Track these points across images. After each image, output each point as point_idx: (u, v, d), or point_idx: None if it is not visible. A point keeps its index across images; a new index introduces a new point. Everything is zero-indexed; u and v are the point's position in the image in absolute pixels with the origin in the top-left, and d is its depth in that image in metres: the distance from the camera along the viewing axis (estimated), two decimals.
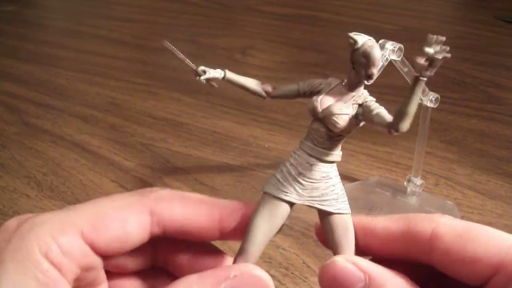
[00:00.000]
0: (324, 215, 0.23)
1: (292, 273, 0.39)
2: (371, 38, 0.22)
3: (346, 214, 0.23)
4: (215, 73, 0.24)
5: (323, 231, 0.23)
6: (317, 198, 0.23)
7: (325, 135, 0.22)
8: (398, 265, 0.21)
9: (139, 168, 0.53)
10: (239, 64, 0.85)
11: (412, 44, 1.02)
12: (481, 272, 0.19)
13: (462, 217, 0.45)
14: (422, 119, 0.44)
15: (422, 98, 0.43)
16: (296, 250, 0.41)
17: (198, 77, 0.24)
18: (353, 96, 0.23)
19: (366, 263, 0.20)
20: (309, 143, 0.23)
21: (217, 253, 0.24)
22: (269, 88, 0.25)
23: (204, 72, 0.24)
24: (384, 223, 0.22)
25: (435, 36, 0.20)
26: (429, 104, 0.43)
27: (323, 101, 0.22)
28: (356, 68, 0.22)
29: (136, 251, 0.22)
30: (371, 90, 0.24)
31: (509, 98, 0.72)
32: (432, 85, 0.44)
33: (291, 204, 0.22)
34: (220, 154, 0.56)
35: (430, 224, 0.20)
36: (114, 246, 0.20)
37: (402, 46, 0.39)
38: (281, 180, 0.23)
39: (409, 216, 0.22)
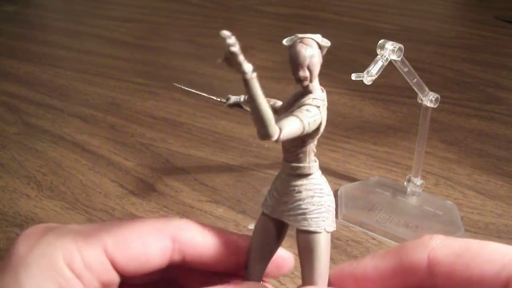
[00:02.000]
0: (297, 232, 0.22)
1: (292, 273, 0.39)
2: (307, 37, 0.19)
3: (314, 232, 0.21)
4: (236, 98, 0.25)
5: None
6: (285, 212, 0.22)
7: (283, 148, 0.22)
8: None
9: (139, 168, 0.53)
10: None
11: (412, 44, 1.03)
12: None
13: (462, 217, 0.45)
14: (422, 119, 0.44)
15: (422, 98, 0.43)
16: (296, 250, 0.41)
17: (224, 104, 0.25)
18: (296, 103, 0.20)
19: None
20: (283, 158, 0.22)
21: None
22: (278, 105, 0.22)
23: (228, 99, 0.25)
24: (373, 263, 0.21)
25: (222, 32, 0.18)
26: (429, 104, 0.43)
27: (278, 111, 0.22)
28: None
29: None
30: (370, 90, 0.24)
31: (509, 98, 0.72)
32: (432, 85, 0.44)
33: (280, 220, 0.22)
34: (220, 154, 0.56)
35: (424, 250, 0.19)
36: (133, 266, 0.21)
37: (402, 46, 0.39)
38: (266, 194, 0.22)
39: (397, 248, 0.21)
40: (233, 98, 0.25)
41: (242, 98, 0.25)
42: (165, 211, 0.46)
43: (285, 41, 0.20)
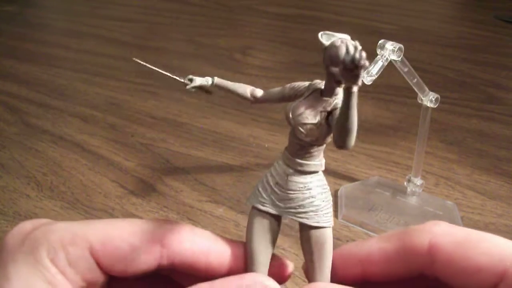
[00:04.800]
0: (303, 229, 0.22)
1: (292, 273, 0.39)
2: (344, 36, 0.20)
3: (325, 227, 0.22)
4: (202, 80, 0.23)
5: (302, 247, 0.22)
6: (293, 210, 0.22)
7: (297, 145, 0.21)
8: (400, 283, 0.20)
9: (139, 168, 0.53)
10: (239, 64, 0.85)
11: (412, 44, 1.03)
12: (486, 281, 0.18)
13: (462, 217, 0.45)
14: (422, 119, 0.44)
15: (422, 98, 0.43)
16: (296, 250, 0.41)
17: (186, 86, 0.23)
18: (324, 103, 0.21)
19: None
20: (288, 153, 0.22)
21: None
22: (258, 92, 0.23)
23: (191, 80, 0.23)
24: (378, 244, 0.21)
25: (350, 44, 0.19)
26: (429, 104, 0.43)
27: (295, 108, 0.21)
28: (326, 72, 0.20)
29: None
30: (370, 90, 0.24)
31: (509, 98, 0.72)
32: (432, 85, 0.44)
33: (276, 216, 0.22)
34: (220, 154, 0.56)
35: (427, 235, 0.20)
36: (119, 268, 0.20)
37: (402, 46, 0.39)
38: (261, 190, 0.22)
39: (402, 231, 0.21)
40: (199, 80, 0.23)
41: (209, 81, 0.23)
42: (165, 211, 0.46)
43: (325, 36, 0.20)
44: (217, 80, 0.23)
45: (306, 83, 0.22)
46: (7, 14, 1.19)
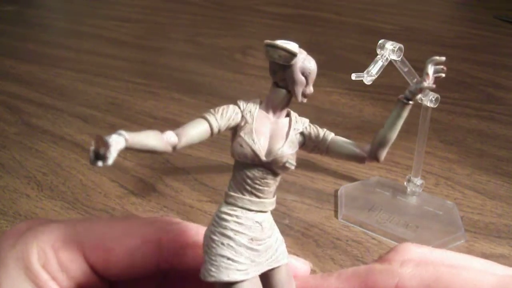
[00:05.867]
0: (273, 272, 0.19)
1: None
2: (297, 44, 0.18)
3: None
4: (117, 145, 0.17)
5: None
6: (273, 257, 0.19)
7: (271, 182, 0.18)
8: None
9: (139, 168, 0.53)
10: (239, 64, 0.85)
11: (412, 44, 1.03)
12: None
13: (462, 217, 0.45)
14: (422, 119, 0.44)
15: (422, 98, 0.43)
16: (296, 250, 0.41)
17: (99, 162, 0.16)
18: (291, 124, 0.18)
19: None
20: (249, 196, 0.18)
21: None
22: (173, 138, 0.18)
23: (105, 145, 0.16)
24: (336, 285, 0.19)
25: (436, 58, 0.19)
26: (429, 104, 0.43)
27: (261, 141, 0.18)
28: (290, 87, 0.18)
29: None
30: (370, 90, 0.23)
31: (509, 98, 0.72)
32: None
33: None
34: (219, 154, 0.56)
35: (393, 279, 0.18)
36: (115, 272, 0.20)
37: (402, 46, 0.39)
38: (234, 258, 0.17)
39: (365, 271, 0.19)
40: (115, 146, 0.17)
41: (121, 143, 0.17)
42: (165, 211, 0.46)
43: (289, 46, 0.19)
44: (129, 140, 0.17)
45: (231, 107, 0.19)
46: (7, 14, 1.19)
